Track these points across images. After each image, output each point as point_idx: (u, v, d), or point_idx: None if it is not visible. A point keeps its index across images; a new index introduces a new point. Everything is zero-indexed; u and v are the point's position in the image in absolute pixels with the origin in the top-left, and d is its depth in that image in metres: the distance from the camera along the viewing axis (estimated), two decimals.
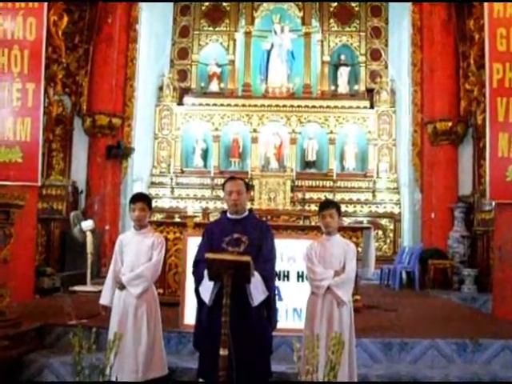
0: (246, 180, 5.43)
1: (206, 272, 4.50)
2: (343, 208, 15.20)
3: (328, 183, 16.29)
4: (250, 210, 5.00)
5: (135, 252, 5.22)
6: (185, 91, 17.49)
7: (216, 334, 4.32)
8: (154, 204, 15.40)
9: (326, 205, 5.22)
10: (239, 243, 4.66)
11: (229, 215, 4.88)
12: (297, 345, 4.00)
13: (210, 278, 4.46)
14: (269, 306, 4.71)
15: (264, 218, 11.88)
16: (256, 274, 4.43)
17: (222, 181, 5.00)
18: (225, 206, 4.98)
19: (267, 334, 4.76)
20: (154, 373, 5.12)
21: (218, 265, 4.28)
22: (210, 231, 4.90)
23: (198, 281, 4.67)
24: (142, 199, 5.31)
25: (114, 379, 4.14)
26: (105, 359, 4.02)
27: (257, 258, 4.49)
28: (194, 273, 4.74)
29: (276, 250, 4.88)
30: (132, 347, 4.99)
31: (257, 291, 4.49)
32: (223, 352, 4.18)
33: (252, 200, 15.35)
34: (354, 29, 17.73)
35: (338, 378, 4.00)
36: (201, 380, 4.78)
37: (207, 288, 4.57)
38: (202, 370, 4.75)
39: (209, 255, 4.33)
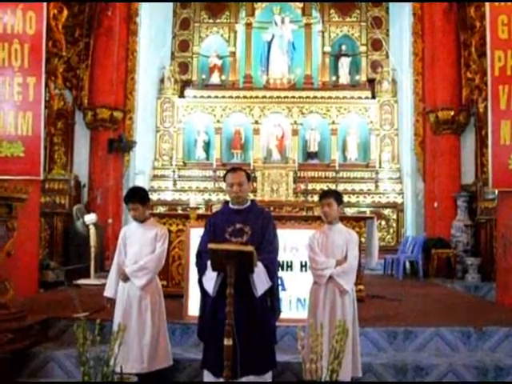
0: (248, 171, 5.41)
1: (209, 263, 4.50)
2: (346, 198, 15.20)
3: (330, 174, 16.26)
4: (252, 200, 5.00)
5: (138, 244, 5.23)
6: (186, 83, 17.48)
7: (220, 324, 4.33)
8: (156, 197, 15.69)
9: (324, 194, 5.25)
10: (242, 233, 4.67)
11: (231, 205, 4.88)
12: (301, 333, 4.02)
13: (214, 269, 4.46)
14: (272, 295, 4.72)
15: (267, 209, 11.88)
16: (259, 263, 4.44)
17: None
18: (228, 197, 4.98)
19: (271, 324, 4.77)
20: (158, 364, 5.14)
21: (221, 255, 4.28)
22: (212, 222, 4.90)
23: (202, 272, 4.69)
24: (131, 200, 5.25)
25: (118, 370, 4.16)
26: (109, 350, 4.04)
27: (260, 248, 4.49)
28: (197, 264, 4.76)
29: (279, 239, 4.88)
30: (137, 339, 5.01)
31: (260, 281, 4.50)
32: (227, 342, 4.19)
33: (255, 191, 15.39)
34: (355, 19, 17.66)
35: (341, 366, 4.02)
36: (205, 371, 4.79)
37: (211, 279, 4.58)
38: (207, 360, 4.76)
39: (212, 245, 4.32)
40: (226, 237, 4.67)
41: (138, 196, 5.31)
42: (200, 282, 4.73)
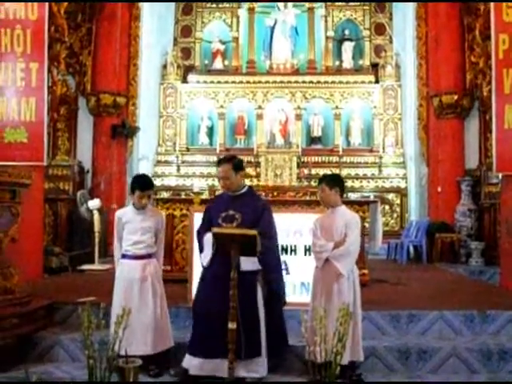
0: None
1: (205, 241, 4.74)
2: (349, 183, 15.23)
3: (334, 159, 16.20)
4: (250, 186, 5.08)
5: (138, 232, 5.28)
6: (189, 69, 17.42)
7: (214, 306, 4.54)
8: (160, 182, 15.73)
9: (319, 181, 5.27)
10: (232, 219, 4.80)
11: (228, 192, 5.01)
12: (304, 316, 4.05)
13: (218, 252, 4.54)
14: (271, 281, 4.89)
15: (270, 195, 11.90)
16: None
17: None
18: None
19: (258, 308, 4.85)
20: (162, 345, 5.20)
21: (225, 239, 4.32)
22: (208, 207, 5.15)
23: (200, 249, 4.96)
24: (148, 188, 5.29)
25: (122, 353, 4.18)
26: (114, 334, 4.06)
27: None
28: (198, 241, 5.02)
29: (276, 226, 5.01)
30: (139, 321, 5.02)
31: (246, 260, 4.59)
32: (232, 325, 4.21)
33: (258, 176, 15.43)
34: (358, 3, 17.51)
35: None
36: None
37: (206, 255, 4.82)
38: (194, 344, 4.92)
39: (215, 229, 4.38)
40: (219, 222, 4.79)
41: (152, 184, 5.41)
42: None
